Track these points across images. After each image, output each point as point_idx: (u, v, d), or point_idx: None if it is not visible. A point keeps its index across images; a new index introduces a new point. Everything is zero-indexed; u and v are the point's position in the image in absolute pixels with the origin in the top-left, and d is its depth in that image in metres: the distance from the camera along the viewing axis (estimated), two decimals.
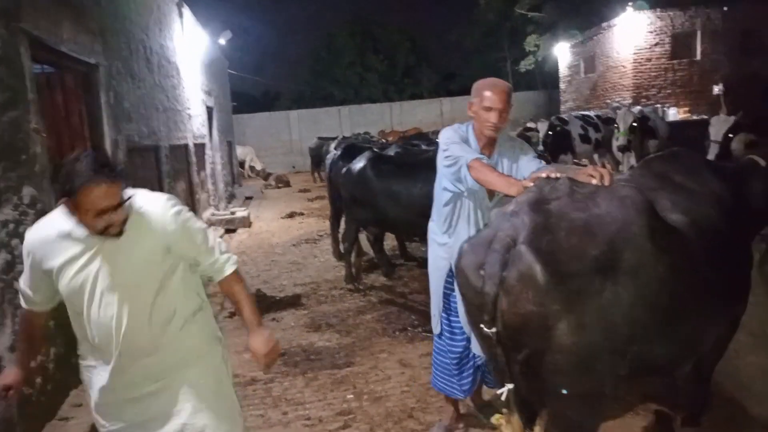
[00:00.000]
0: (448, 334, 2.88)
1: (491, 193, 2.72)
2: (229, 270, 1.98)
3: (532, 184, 2.10)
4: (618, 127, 7.25)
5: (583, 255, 1.78)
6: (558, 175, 2.08)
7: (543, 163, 2.66)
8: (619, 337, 1.80)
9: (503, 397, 1.99)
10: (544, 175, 2.12)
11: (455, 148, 2.58)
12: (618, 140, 7.24)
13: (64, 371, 3.55)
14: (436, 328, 2.94)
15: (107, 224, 1.70)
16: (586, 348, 1.78)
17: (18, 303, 3.07)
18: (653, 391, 2.71)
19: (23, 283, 1.91)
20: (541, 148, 9.18)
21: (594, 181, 2.00)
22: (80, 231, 1.74)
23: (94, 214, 1.66)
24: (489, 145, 2.70)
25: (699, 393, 2.56)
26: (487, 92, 2.57)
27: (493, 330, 1.86)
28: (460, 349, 2.85)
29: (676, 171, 2.34)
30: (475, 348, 2.79)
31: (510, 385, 1.94)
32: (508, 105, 2.57)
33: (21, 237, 3.21)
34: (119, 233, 1.74)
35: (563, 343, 1.78)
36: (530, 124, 10.92)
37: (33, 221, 3.37)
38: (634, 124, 7.12)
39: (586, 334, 1.77)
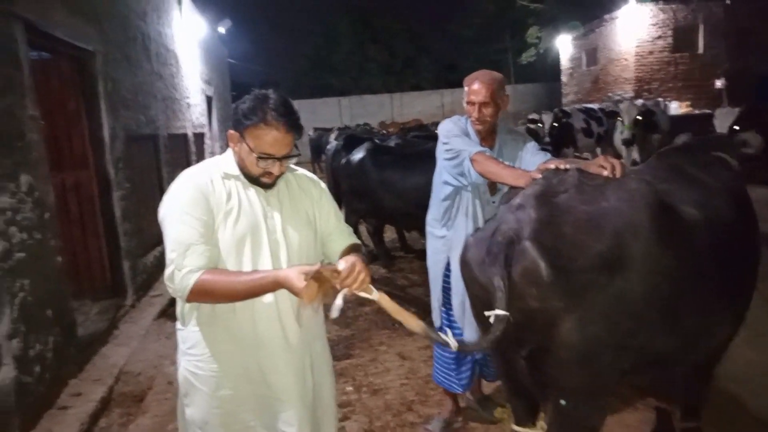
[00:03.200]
0: (447, 328, 2.85)
1: (492, 187, 2.69)
2: (354, 238, 1.96)
3: (540, 175, 2.05)
4: (622, 121, 7.19)
5: (588, 250, 1.74)
6: (567, 166, 2.04)
7: (548, 155, 2.61)
8: (624, 332, 1.78)
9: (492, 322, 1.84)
10: (552, 166, 2.07)
11: (456, 141, 2.54)
12: (623, 134, 7.17)
13: (62, 360, 3.53)
14: (436, 321, 2.91)
15: (266, 171, 1.67)
16: (590, 344, 1.76)
17: (19, 289, 3.05)
18: (654, 385, 2.72)
19: (196, 237, 1.60)
20: (547, 139, 9.09)
21: (605, 173, 1.95)
22: (242, 178, 1.72)
23: (258, 155, 1.63)
24: (489, 138, 2.66)
25: (700, 388, 2.55)
26: (468, 86, 2.58)
27: (497, 313, 1.80)
28: None
29: (691, 163, 2.29)
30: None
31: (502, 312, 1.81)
32: (491, 98, 2.53)
33: (19, 225, 3.18)
34: (271, 185, 1.73)
35: (567, 339, 1.75)
36: (533, 116, 10.83)
37: (31, 209, 3.35)
38: (639, 118, 7.05)
39: (590, 331, 1.74)
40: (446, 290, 2.84)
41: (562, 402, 1.85)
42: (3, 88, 3.20)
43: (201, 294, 1.58)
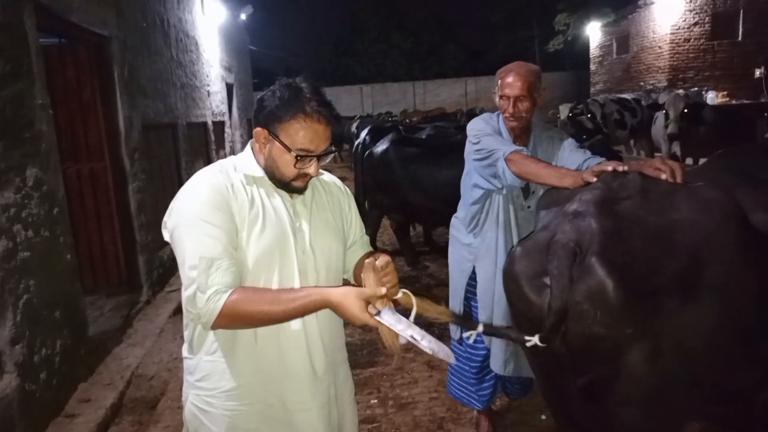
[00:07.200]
0: (468, 341, 2.64)
1: (526, 190, 2.46)
2: (369, 246, 1.75)
3: (593, 177, 1.82)
4: (666, 113, 6.72)
5: (662, 269, 1.53)
6: (626, 169, 1.81)
7: (589, 153, 2.35)
8: (699, 364, 1.58)
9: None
10: (609, 168, 1.82)
11: (488, 140, 2.32)
12: (668, 128, 6.71)
13: (71, 364, 3.35)
14: (455, 333, 2.70)
15: (301, 173, 1.44)
16: (661, 378, 1.56)
17: (22, 290, 2.83)
18: (726, 418, 2.43)
19: (220, 250, 1.33)
20: (605, 130, 8.51)
21: (663, 176, 1.73)
22: (266, 183, 1.49)
23: (296, 153, 1.40)
24: (523, 136, 2.43)
25: None
26: (501, 79, 2.34)
27: (536, 338, 1.59)
28: (480, 358, 2.63)
29: (758, 166, 2.03)
30: (494, 365, 2.56)
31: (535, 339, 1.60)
32: (528, 91, 2.29)
33: (24, 222, 2.98)
34: (303, 190, 1.50)
35: (636, 371, 1.56)
36: (573, 107, 10.31)
37: (38, 205, 3.15)
38: (686, 111, 6.59)
39: (662, 362, 1.54)
40: (468, 299, 2.65)
41: None
42: (10, 74, 2.99)
43: (231, 318, 1.31)
